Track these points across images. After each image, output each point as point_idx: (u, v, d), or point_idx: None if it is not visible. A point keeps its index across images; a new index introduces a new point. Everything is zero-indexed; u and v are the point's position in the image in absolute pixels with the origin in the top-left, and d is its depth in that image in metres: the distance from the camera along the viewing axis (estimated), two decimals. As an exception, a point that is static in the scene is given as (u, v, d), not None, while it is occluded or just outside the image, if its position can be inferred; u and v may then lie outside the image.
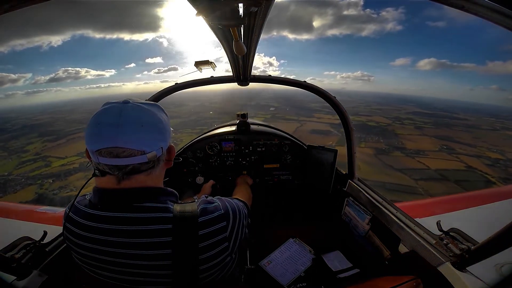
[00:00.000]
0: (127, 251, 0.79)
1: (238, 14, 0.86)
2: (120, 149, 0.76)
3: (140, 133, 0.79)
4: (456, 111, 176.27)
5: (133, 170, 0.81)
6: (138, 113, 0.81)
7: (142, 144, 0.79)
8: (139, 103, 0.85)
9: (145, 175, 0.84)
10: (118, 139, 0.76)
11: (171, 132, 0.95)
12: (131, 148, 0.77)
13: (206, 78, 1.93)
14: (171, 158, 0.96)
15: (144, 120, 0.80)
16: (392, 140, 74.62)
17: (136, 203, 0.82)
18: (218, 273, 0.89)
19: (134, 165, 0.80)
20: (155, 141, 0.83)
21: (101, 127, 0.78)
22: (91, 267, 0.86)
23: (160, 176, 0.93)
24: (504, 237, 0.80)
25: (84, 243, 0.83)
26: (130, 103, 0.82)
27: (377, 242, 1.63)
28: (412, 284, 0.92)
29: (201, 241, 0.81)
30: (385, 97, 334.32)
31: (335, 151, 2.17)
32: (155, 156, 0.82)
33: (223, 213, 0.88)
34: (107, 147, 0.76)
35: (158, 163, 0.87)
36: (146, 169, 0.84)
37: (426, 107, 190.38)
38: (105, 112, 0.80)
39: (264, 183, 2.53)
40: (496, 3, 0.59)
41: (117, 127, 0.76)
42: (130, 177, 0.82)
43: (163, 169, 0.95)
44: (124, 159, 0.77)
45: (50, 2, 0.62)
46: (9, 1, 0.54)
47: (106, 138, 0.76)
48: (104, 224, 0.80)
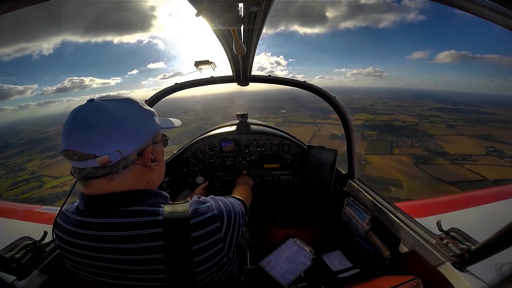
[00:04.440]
0: (118, 256, 0.76)
1: (238, 14, 0.86)
2: (71, 152, 0.73)
3: (87, 135, 0.72)
4: (480, 105, 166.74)
5: (90, 175, 0.75)
6: (91, 113, 0.75)
7: (90, 147, 0.72)
8: (103, 100, 0.79)
9: (106, 180, 0.77)
10: (70, 141, 0.73)
11: (148, 132, 0.85)
12: (80, 151, 0.72)
13: (206, 78, 1.93)
14: (145, 162, 0.84)
15: (94, 120, 0.73)
16: (428, 143, 67.31)
17: (122, 207, 0.78)
18: (215, 274, 0.88)
19: (88, 169, 0.74)
20: (107, 144, 0.73)
21: (63, 129, 0.75)
22: (85, 273, 0.84)
23: (138, 181, 0.85)
24: (504, 237, 0.80)
25: (74, 249, 0.80)
26: (94, 101, 0.78)
27: (377, 242, 1.63)
28: (412, 284, 0.92)
29: (194, 243, 0.77)
30: (399, 92, 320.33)
31: (335, 151, 2.17)
32: (108, 161, 0.73)
33: (216, 213, 0.84)
34: (63, 150, 0.74)
35: (118, 168, 0.77)
36: (103, 174, 0.76)
37: (446, 101, 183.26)
38: (70, 112, 0.77)
39: (264, 183, 2.53)
40: (496, 3, 0.59)
41: (69, 128, 0.73)
42: (89, 181, 0.77)
43: (143, 173, 0.86)
44: (77, 162, 0.74)
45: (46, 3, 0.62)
46: (9, 1, 0.54)
47: (63, 140, 0.74)
48: (92, 230, 0.77)
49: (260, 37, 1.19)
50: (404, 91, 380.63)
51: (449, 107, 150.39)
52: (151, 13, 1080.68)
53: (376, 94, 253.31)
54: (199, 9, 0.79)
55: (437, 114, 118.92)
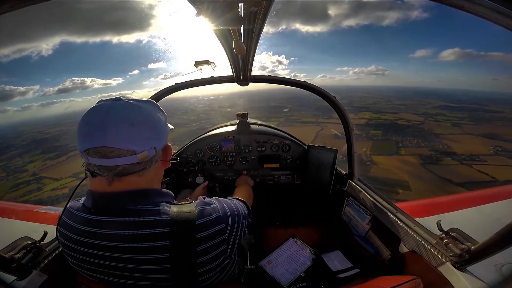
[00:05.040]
0: (123, 255, 0.76)
1: (238, 14, 0.86)
2: (108, 148, 0.72)
3: (129, 131, 0.74)
4: (484, 103, 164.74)
5: (124, 171, 0.77)
6: (128, 111, 0.77)
7: (132, 143, 0.75)
8: (131, 100, 0.81)
9: (138, 176, 0.80)
10: (105, 138, 0.72)
11: (167, 131, 0.92)
12: (119, 148, 0.73)
13: (206, 78, 1.93)
14: (167, 158, 0.92)
15: (134, 118, 0.76)
16: (434, 142, 65.39)
17: (130, 206, 0.79)
18: (217, 275, 0.88)
19: (124, 166, 0.75)
20: (146, 140, 0.78)
21: (89, 126, 0.75)
22: (88, 271, 0.84)
23: (155, 177, 0.89)
24: (504, 237, 0.80)
25: (78, 247, 0.80)
26: (122, 100, 0.79)
27: (377, 242, 1.63)
28: (412, 284, 0.92)
29: (199, 244, 0.78)
30: (401, 91, 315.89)
31: (335, 151, 2.17)
32: (147, 156, 0.78)
33: (221, 215, 0.85)
34: (95, 147, 0.72)
35: (151, 163, 0.83)
36: (138, 170, 0.79)
37: (450, 99, 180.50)
38: (94, 110, 0.77)
39: (264, 183, 2.53)
40: (496, 3, 0.59)
41: (105, 126, 0.72)
42: (121, 178, 0.78)
43: (160, 170, 0.92)
44: (112, 159, 0.73)
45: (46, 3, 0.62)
46: (9, 1, 0.54)
47: (94, 137, 0.73)
48: (98, 228, 0.77)
49: (261, 37, 1.19)
50: (406, 89, 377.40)
51: (454, 105, 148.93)
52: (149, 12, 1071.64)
53: (379, 92, 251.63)
54: (199, 9, 0.79)
55: (442, 113, 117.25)
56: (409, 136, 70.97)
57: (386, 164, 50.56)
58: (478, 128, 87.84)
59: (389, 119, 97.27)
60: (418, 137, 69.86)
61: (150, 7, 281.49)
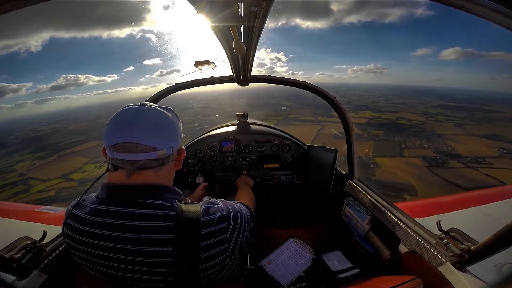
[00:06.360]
0: (128, 247, 0.80)
1: (238, 14, 0.86)
2: (133, 144, 0.82)
3: (153, 131, 0.85)
4: (483, 102, 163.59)
5: (144, 166, 0.85)
6: (153, 114, 0.88)
7: (154, 141, 0.85)
8: (154, 106, 0.93)
9: (154, 171, 0.89)
10: (132, 135, 0.82)
11: (182, 136, 1.02)
12: (143, 144, 0.83)
13: (206, 78, 1.94)
14: (180, 159, 1.02)
15: (157, 120, 0.88)
16: (438, 143, 63.66)
17: (142, 199, 0.84)
18: (217, 273, 0.90)
19: (145, 161, 0.85)
20: (166, 140, 0.89)
21: (118, 125, 0.85)
22: (91, 264, 0.86)
23: (168, 175, 0.98)
24: (504, 237, 0.80)
25: (86, 239, 0.83)
26: (147, 105, 0.91)
27: (377, 242, 1.63)
28: (412, 284, 0.92)
29: (202, 240, 0.82)
30: (400, 89, 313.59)
31: (335, 151, 2.17)
32: (165, 154, 0.88)
33: (224, 214, 0.90)
34: (122, 142, 0.82)
35: (167, 161, 0.92)
36: (156, 166, 0.88)
37: (449, 98, 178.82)
38: (123, 112, 0.88)
39: (264, 183, 2.53)
40: (496, 3, 0.59)
41: (133, 125, 0.83)
42: (140, 172, 0.86)
43: (173, 169, 1.01)
44: (136, 154, 0.83)
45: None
46: (9, 1, 0.54)
47: (122, 134, 0.83)
48: (109, 219, 0.82)
49: (260, 36, 1.19)
50: (405, 88, 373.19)
51: (453, 104, 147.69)
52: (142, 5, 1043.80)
53: (378, 90, 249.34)
54: (199, 8, 0.80)
55: (442, 112, 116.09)
56: (411, 137, 69.85)
57: (390, 167, 49.16)
58: (479, 129, 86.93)
59: (390, 118, 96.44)
60: (421, 138, 68.88)
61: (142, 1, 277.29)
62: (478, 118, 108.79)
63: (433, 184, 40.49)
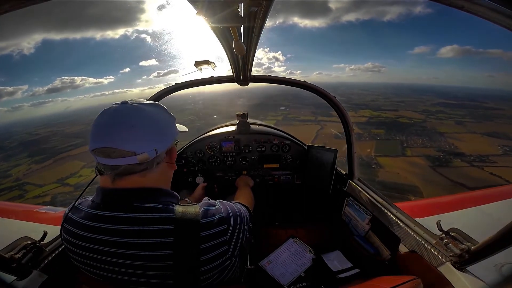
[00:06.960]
0: (127, 251, 0.78)
1: (238, 14, 0.86)
2: (111, 149, 0.77)
3: (130, 133, 0.79)
4: (482, 100, 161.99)
5: (126, 171, 0.81)
6: (130, 114, 0.81)
7: (132, 145, 0.78)
8: (137, 103, 0.85)
9: (140, 176, 0.84)
10: (109, 139, 0.77)
11: (174, 133, 0.96)
12: (121, 149, 0.77)
13: (206, 78, 1.93)
14: (171, 160, 0.95)
15: (135, 121, 0.80)
16: (440, 142, 62.62)
17: (137, 203, 0.81)
18: (217, 275, 0.89)
19: (125, 166, 0.80)
20: (147, 142, 0.81)
21: (97, 128, 0.80)
22: (90, 268, 0.85)
23: (162, 178, 0.93)
24: (504, 237, 0.80)
25: (83, 243, 0.82)
26: (128, 103, 0.84)
27: (377, 242, 1.63)
28: (412, 284, 0.92)
29: (202, 242, 0.80)
30: (398, 87, 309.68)
31: (335, 151, 2.17)
32: (147, 157, 0.81)
33: (224, 216, 0.88)
34: (100, 147, 0.78)
35: (152, 165, 0.85)
36: (140, 170, 0.83)
37: (447, 96, 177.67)
38: (103, 113, 0.82)
39: (264, 183, 2.53)
40: (496, 3, 0.59)
41: (109, 128, 0.79)
42: (123, 177, 0.82)
43: (166, 171, 0.95)
44: (115, 159, 0.78)
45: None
46: (9, 1, 0.54)
47: (99, 138, 0.79)
48: (105, 224, 0.80)
49: (260, 36, 1.19)
50: (403, 86, 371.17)
51: (452, 102, 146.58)
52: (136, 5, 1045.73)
53: (376, 89, 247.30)
54: (198, 8, 0.79)
55: (442, 110, 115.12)
56: (413, 135, 68.74)
57: (393, 167, 48.20)
58: (480, 126, 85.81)
59: (390, 117, 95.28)
60: (422, 136, 67.83)
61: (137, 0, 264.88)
62: (478, 116, 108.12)
63: (437, 184, 39.57)
